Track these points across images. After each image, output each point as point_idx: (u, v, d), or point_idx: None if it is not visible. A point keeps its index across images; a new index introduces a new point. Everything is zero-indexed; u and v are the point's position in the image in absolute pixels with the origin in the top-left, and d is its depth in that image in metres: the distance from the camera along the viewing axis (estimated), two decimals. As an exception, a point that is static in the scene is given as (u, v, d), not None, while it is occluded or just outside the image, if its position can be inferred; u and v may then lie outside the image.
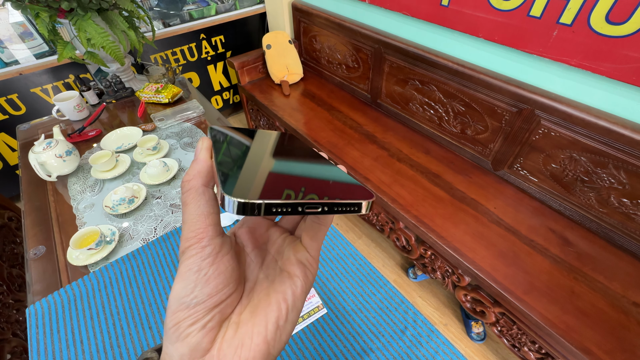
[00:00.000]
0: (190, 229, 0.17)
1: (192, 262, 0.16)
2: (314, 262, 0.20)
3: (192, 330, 0.16)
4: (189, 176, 0.18)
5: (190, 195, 0.17)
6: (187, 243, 0.17)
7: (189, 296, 0.16)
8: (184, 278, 0.16)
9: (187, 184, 0.17)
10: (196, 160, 0.18)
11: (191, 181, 0.17)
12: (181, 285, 0.16)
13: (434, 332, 0.56)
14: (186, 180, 0.18)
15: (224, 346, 0.16)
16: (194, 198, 0.17)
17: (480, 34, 1.06)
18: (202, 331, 0.16)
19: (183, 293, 0.16)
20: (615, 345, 0.79)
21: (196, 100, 1.19)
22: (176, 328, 0.16)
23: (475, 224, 1.06)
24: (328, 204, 0.16)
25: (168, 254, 0.69)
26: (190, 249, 0.16)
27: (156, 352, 0.19)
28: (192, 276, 0.16)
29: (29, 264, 0.70)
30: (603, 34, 0.81)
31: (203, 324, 0.16)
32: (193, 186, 0.17)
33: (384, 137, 1.44)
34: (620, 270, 0.93)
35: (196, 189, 0.17)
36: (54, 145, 0.86)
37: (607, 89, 0.87)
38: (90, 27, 1.04)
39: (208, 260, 0.16)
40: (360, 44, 1.49)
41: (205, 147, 0.19)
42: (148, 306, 0.60)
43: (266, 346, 0.17)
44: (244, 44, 2.11)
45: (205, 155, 0.18)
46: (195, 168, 0.18)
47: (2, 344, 0.92)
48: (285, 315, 0.18)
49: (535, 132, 1.02)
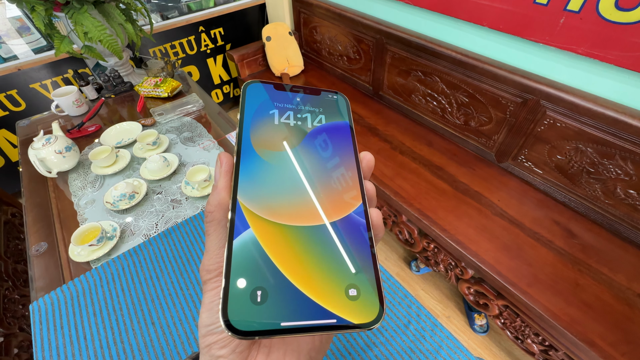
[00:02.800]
0: (211, 260, 0.17)
1: (214, 294, 0.17)
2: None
3: (222, 353, 0.17)
4: (211, 207, 0.18)
5: (212, 227, 0.18)
6: (209, 275, 0.17)
7: (215, 324, 0.17)
8: (208, 309, 0.17)
9: (210, 215, 0.18)
10: (217, 190, 0.18)
11: (213, 213, 0.18)
12: (206, 315, 0.17)
13: (438, 326, 0.56)
14: (209, 212, 0.18)
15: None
16: (215, 230, 0.18)
17: (484, 22, 1.03)
18: (233, 354, 0.17)
19: (209, 321, 0.17)
20: (620, 337, 0.78)
21: (196, 94, 1.18)
22: (208, 349, 0.17)
23: (479, 217, 1.05)
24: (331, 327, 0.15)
25: (170, 249, 0.69)
26: (213, 282, 0.17)
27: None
28: (215, 307, 0.17)
29: (31, 260, 0.70)
30: (612, 20, 0.78)
31: (232, 348, 0.17)
32: (215, 218, 0.18)
33: (386, 129, 1.42)
34: (625, 262, 0.92)
35: (218, 220, 0.18)
36: (53, 141, 0.85)
37: (615, 78, 0.85)
38: (87, 20, 1.02)
39: None
40: (362, 34, 1.47)
41: (225, 172, 0.18)
42: (150, 302, 0.60)
43: None
44: (244, 36, 2.08)
45: (226, 184, 0.18)
46: (216, 199, 0.18)
47: (9, 338, 0.93)
48: (319, 346, 0.18)
49: (541, 123, 1.00)
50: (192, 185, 0.80)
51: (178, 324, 0.57)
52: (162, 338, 0.56)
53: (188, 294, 0.61)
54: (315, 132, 0.21)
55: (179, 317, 0.58)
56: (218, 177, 0.18)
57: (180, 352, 0.54)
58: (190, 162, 0.92)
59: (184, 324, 0.57)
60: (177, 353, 0.54)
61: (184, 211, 0.79)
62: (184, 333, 0.56)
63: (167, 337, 0.56)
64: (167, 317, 0.58)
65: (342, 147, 0.21)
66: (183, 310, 0.59)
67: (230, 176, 0.18)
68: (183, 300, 0.61)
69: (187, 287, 0.63)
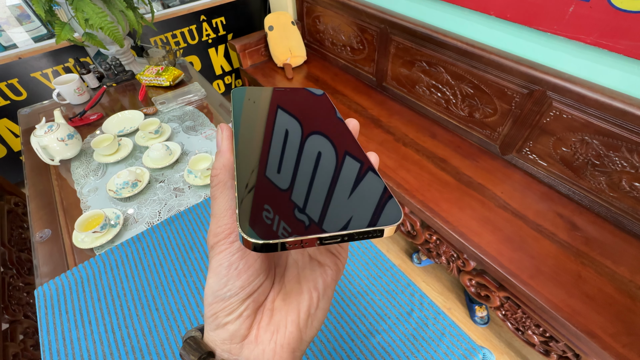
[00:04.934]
0: (218, 223, 0.17)
1: (222, 257, 0.17)
2: (343, 251, 0.20)
3: (229, 320, 0.17)
4: (216, 170, 0.18)
5: (219, 190, 0.18)
6: (215, 238, 0.17)
7: (223, 290, 0.17)
8: (216, 273, 0.17)
9: (215, 178, 0.18)
10: (220, 153, 0.18)
11: (219, 175, 0.18)
12: (214, 279, 0.17)
13: (440, 314, 0.56)
14: (214, 175, 0.18)
15: (261, 332, 0.17)
16: (222, 192, 0.17)
17: (491, 11, 1.01)
18: (239, 319, 0.17)
19: (217, 287, 0.17)
20: (621, 328, 0.79)
21: (197, 83, 1.17)
22: (214, 317, 0.17)
23: (482, 209, 1.05)
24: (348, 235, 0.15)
25: (172, 237, 0.69)
26: (220, 245, 0.17)
27: (199, 332, 0.20)
28: (223, 271, 0.17)
29: (35, 247, 0.70)
30: (623, 8, 0.77)
31: (239, 313, 0.17)
32: (220, 180, 0.18)
33: (390, 121, 1.41)
34: (628, 254, 0.92)
35: (224, 182, 0.18)
36: (55, 129, 0.85)
37: (623, 69, 0.84)
38: (88, 7, 1.01)
39: (238, 255, 0.17)
40: (366, 24, 1.44)
41: (227, 137, 0.19)
42: (154, 288, 0.61)
43: (299, 332, 0.18)
44: (246, 26, 2.05)
45: (229, 146, 0.19)
46: (220, 161, 0.18)
47: (15, 325, 0.95)
48: (317, 303, 0.19)
49: (547, 114, 0.99)
50: (195, 174, 0.80)
51: (182, 310, 0.58)
52: (166, 323, 0.56)
53: (191, 280, 0.62)
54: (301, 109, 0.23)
55: (182, 303, 0.59)
56: (220, 142, 0.19)
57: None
58: (193, 150, 0.92)
59: (187, 309, 0.58)
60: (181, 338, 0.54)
61: (186, 199, 0.79)
62: (187, 319, 0.57)
63: (170, 322, 0.56)
64: (170, 303, 0.59)
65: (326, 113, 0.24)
66: (186, 296, 0.59)
67: (231, 141, 0.19)
68: (186, 286, 0.61)
69: (190, 273, 0.63)
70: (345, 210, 0.15)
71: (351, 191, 0.16)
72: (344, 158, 0.19)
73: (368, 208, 0.16)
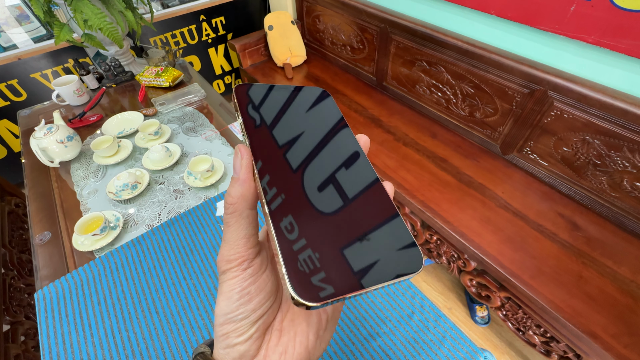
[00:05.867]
0: (231, 251, 0.17)
1: (234, 282, 0.17)
2: None
3: (239, 341, 0.17)
4: (233, 199, 0.18)
5: (234, 218, 0.18)
6: (228, 265, 0.17)
7: (234, 313, 0.17)
8: (228, 297, 0.17)
9: (231, 207, 0.18)
10: (239, 182, 0.18)
11: (235, 204, 0.17)
12: (226, 303, 0.17)
13: (442, 317, 0.56)
14: (230, 203, 0.18)
15: (269, 352, 0.18)
16: (237, 221, 0.18)
17: (492, 10, 1.00)
18: (249, 341, 0.17)
19: (228, 310, 0.17)
20: (622, 329, 0.78)
21: (197, 84, 1.17)
22: (225, 337, 0.18)
23: (483, 209, 1.04)
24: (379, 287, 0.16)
25: (173, 239, 0.69)
26: (232, 271, 0.17)
27: (209, 347, 0.21)
28: (235, 296, 0.17)
29: (35, 249, 0.70)
30: (625, 7, 0.76)
31: (249, 335, 0.17)
32: (237, 209, 0.17)
33: (390, 120, 1.40)
34: (629, 254, 0.91)
35: (240, 212, 0.18)
36: (54, 131, 0.84)
37: (625, 68, 0.83)
38: (87, 8, 1.00)
39: (250, 280, 0.17)
40: (366, 23, 1.44)
41: (247, 166, 0.18)
42: (154, 291, 0.61)
43: (307, 354, 0.18)
44: (246, 26, 2.04)
45: (248, 176, 0.18)
46: (238, 190, 0.18)
47: (16, 326, 0.95)
48: (325, 325, 0.19)
49: (548, 114, 0.99)
50: (195, 176, 0.80)
51: (182, 313, 0.58)
52: (167, 326, 0.56)
53: (192, 283, 0.62)
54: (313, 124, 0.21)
55: (182, 305, 0.59)
56: (239, 168, 0.18)
57: (184, 340, 0.54)
58: (193, 152, 0.92)
59: (188, 312, 0.58)
60: (181, 341, 0.54)
61: (186, 201, 0.78)
62: (187, 322, 0.56)
63: (171, 325, 0.56)
64: (170, 306, 0.59)
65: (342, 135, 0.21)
66: (187, 299, 0.59)
67: (252, 169, 0.18)
68: (187, 289, 0.61)
69: (191, 276, 0.63)
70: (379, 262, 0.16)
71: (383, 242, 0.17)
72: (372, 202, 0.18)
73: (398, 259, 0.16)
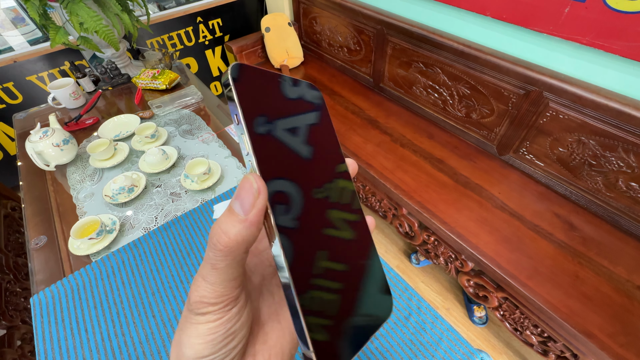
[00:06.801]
0: (214, 293, 0.15)
1: (217, 326, 0.16)
2: None
3: None
4: (231, 241, 0.14)
5: (226, 262, 0.15)
6: (210, 308, 0.16)
7: (214, 355, 0.16)
8: (208, 340, 0.16)
9: (226, 250, 0.15)
10: (244, 224, 0.14)
11: (233, 249, 0.15)
12: (205, 346, 0.16)
13: (438, 319, 0.56)
14: (225, 246, 0.15)
15: None
16: (229, 265, 0.15)
17: (488, 12, 1.01)
18: None
19: (207, 352, 0.16)
20: (618, 328, 0.79)
21: (194, 86, 1.17)
22: None
23: (479, 210, 1.05)
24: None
25: (169, 242, 0.69)
26: (215, 314, 0.16)
27: None
28: (218, 338, 0.16)
29: (31, 253, 0.70)
30: (619, 9, 0.77)
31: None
32: (232, 253, 0.15)
33: (387, 122, 1.41)
34: (625, 254, 0.92)
35: (234, 256, 0.15)
36: (50, 134, 0.84)
37: (619, 69, 0.84)
38: (82, 11, 1.00)
39: (235, 319, 0.16)
40: (362, 25, 1.44)
41: (260, 207, 0.15)
42: (151, 294, 0.61)
43: None
44: (243, 27, 2.04)
45: (258, 219, 0.15)
46: (241, 234, 0.14)
47: (12, 330, 0.94)
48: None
49: (543, 115, 0.99)
50: (192, 179, 0.79)
51: (178, 317, 0.57)
52: (163, 331, 0.56)
53: (188, 287, 0.61)
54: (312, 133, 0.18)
55: (179, 309, 0.58)
56: (249, 208, 0.14)
57: (181, 344, 0.54)
58: (189, 155, 0.92)
59: (185, 316, 0.58)
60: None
61: (183, 204, 0.78)
62: (184, 326, 0.56)
63: (167, 329, 0.56)
64: (167, 310, 0.58)
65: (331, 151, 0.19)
66: (183, 303, 0.59)
67: (264, 210, 0.15)
68: (183, 293, 0.61)
69: (188, 280, 0.63)
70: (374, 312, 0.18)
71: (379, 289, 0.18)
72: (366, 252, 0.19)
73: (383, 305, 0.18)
